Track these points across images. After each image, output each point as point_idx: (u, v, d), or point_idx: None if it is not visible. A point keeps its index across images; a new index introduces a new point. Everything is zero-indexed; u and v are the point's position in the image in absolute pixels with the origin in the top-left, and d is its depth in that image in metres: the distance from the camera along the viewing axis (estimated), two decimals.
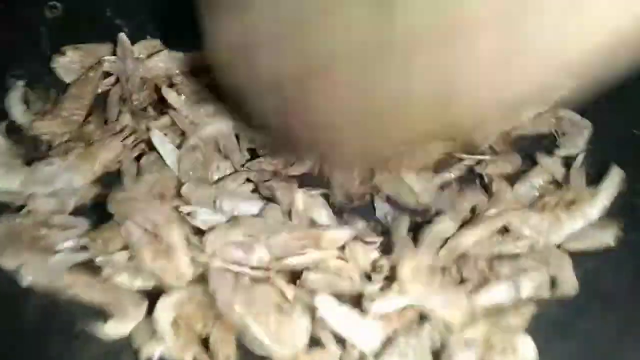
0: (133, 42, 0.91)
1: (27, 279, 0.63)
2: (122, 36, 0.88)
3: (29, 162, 0.75)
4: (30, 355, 0.55)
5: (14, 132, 0.79)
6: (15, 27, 0.88)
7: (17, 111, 0.80)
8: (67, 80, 0.87)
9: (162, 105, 0.84)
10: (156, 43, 0.92)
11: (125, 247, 0.66)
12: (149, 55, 0.89)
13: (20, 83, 0.82)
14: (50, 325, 0.60)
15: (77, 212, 0.71)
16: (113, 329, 0.61)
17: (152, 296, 0.63)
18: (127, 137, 0.79)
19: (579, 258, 0.67)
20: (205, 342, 0.61)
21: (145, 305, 0.64)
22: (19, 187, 0.71)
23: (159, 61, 0.88)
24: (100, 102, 0.85)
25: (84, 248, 0.66)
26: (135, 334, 0.61)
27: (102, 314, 0.62)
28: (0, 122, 0.78)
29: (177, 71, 0.88)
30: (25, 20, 0.89)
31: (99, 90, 0.87)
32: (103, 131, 0.81)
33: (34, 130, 0.79)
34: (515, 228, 0.68)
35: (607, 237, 0.67)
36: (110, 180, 0.75)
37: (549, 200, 0.71)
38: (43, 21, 0.90)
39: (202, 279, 0.63)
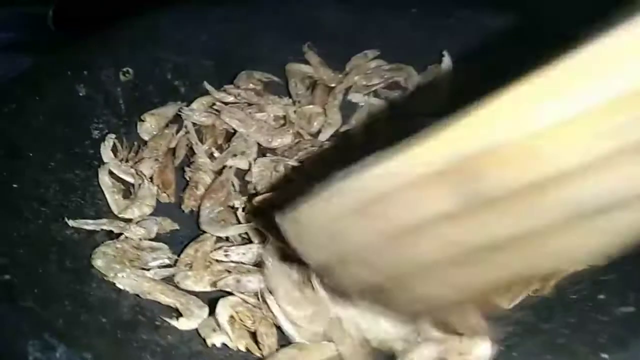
0: (190, 99, 1.15)
1: (120, 286, 0.82)
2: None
3: (125, 196, 0.98)
4: (129, 340, 0.73)
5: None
6: (97, 89, 1.09)
7: (108, 158, 1.02)
8: (146, 138, 1.11)
9: None
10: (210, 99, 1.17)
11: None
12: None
13: (112, 136, 1.04)
14: (139, 319, 0.78)
15: (158, 237, 0.93)
16: (184, 324, 0.79)
17: (212, 302, 0.82)
18: None
19: None
20: (253, 336, 0.79)
21: (207, 308, 0.82)
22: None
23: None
24: None
25: (168, 266, 0.88)
26: (202, 329, 0.79)
27: (175, 311, 0.81)
28: (103, 165, 1.01)
29: None
30: (105, 83, 1.11)
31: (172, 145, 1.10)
32: None
33: (120, 175, 1.01)
34: None
35: None
36: None
37: None
38: (118, 83, 1.13)
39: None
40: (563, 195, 0.44)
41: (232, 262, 0.89)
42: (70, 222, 0.88)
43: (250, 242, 0.92)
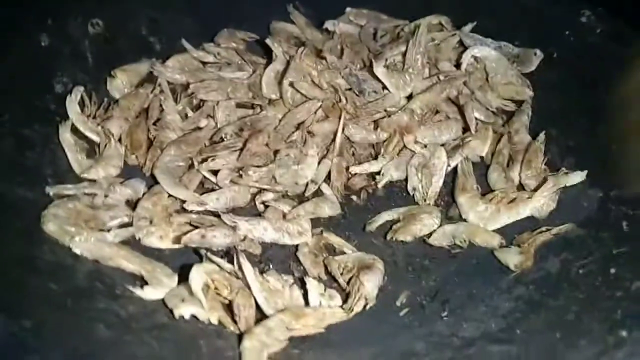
0: (166, 57, 1.06)
1: (77, 251, 0.73)
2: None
3: (89, 155, 0.90)
4: (81, 310, 0.64)
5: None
6: (62, 40, 0.99)
7: (73, 112, 0.92)
8: (117, 96, 1.01)
9: None
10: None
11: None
12: None
13: (80, 88, 0.94)
14: (96, 287, 0.69)
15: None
16: (149, 294, 0.71)
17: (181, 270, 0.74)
18: None
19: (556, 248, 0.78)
20: (227, 308, 0.71)
21: (175, 276, 0.74)
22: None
23: None
24: None
25: (128, 225, 0.79)
26: (169, 299, 0.70)
27: (139, 279, 0.72)
28: (66, 121, 0.90)
29: None
30: (71, 34, 1.01)
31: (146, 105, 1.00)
32: None
33: (86, 133, 0.92)
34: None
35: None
36: None
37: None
38: (87, 36, 1.02)
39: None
40: None
41: (198, 212, 0.81)
42: (48, 189, 0.80)
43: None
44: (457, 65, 1.06)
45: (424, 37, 1.02)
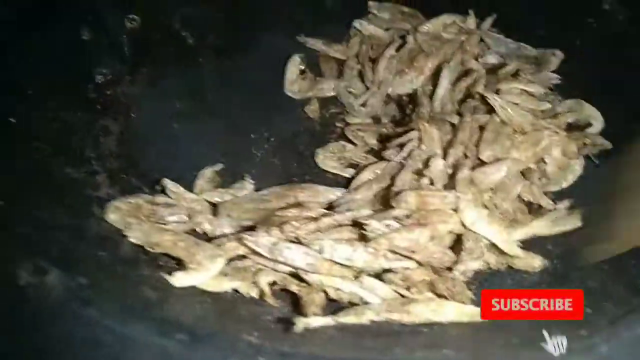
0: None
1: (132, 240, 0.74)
2: None
3: None
4: (128, 274, 0.68)
5: None
6: (101, 33, 1.04)
7: None
8: None
9: None
10: None
11: None
12: None
13: None
14: (141, 257, 0.73)
15: None
16: (181, 280, 0.69)
17: None
18: None
19: None
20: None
21: (222, 259, 0.72)
22: None
23: None
24: None
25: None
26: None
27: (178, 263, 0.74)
28: None
29: None
30: (109, 29, 1.06)
31: None
32: None
33: None
34: None
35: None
36: None
37: None
38: (124, 30, 1.08)
39: None
40: None
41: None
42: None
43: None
44: None
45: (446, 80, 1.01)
